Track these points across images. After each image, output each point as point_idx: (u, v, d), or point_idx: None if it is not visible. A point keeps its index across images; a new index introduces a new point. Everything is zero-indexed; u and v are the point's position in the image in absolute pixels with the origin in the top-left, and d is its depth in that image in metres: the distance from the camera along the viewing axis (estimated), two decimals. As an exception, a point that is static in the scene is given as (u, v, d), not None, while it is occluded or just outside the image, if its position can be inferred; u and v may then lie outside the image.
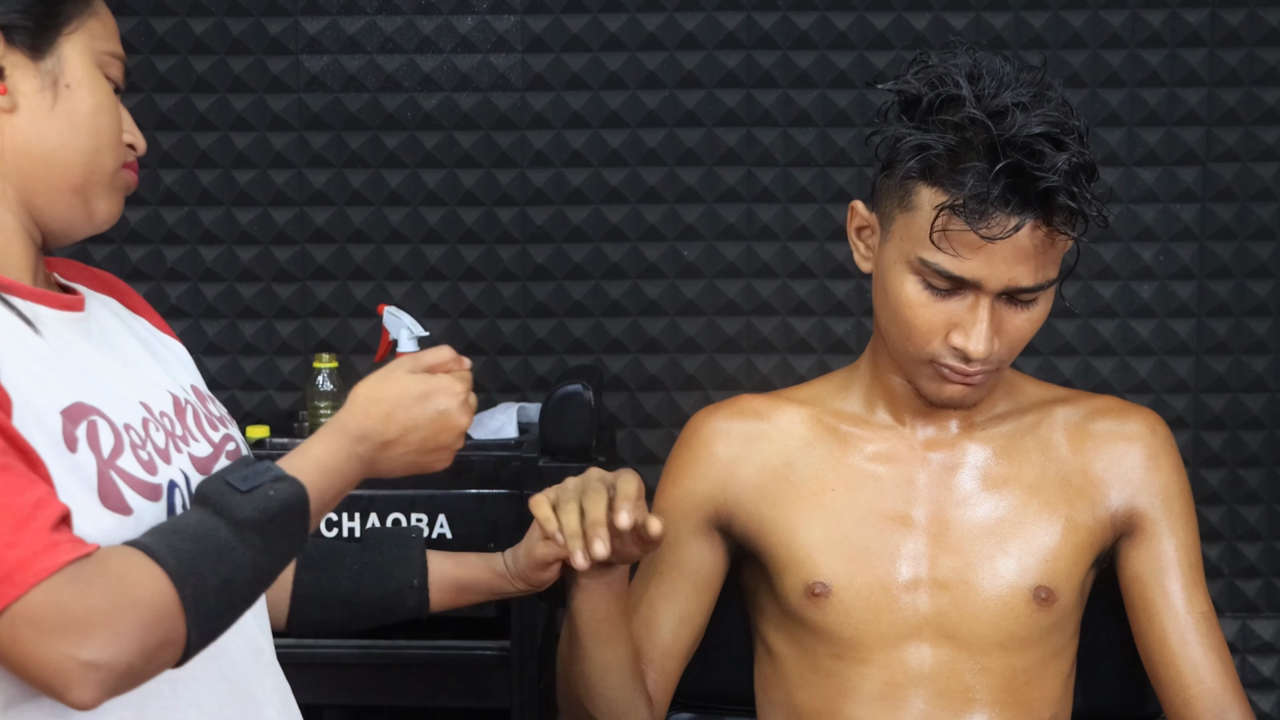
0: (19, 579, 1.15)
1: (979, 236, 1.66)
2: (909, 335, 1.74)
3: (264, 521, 1.27)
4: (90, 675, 1.16)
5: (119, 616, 1.17)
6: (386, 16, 2.79)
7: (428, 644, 2.49)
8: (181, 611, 1.20)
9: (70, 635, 1.16)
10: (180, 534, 1.23)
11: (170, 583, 1.20)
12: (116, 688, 1.18)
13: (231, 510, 1.26)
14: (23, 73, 1.32)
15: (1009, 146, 1.64)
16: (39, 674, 1.16)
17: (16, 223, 1.35)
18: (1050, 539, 1.82)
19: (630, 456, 2.85)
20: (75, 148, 1.34)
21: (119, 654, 1.17)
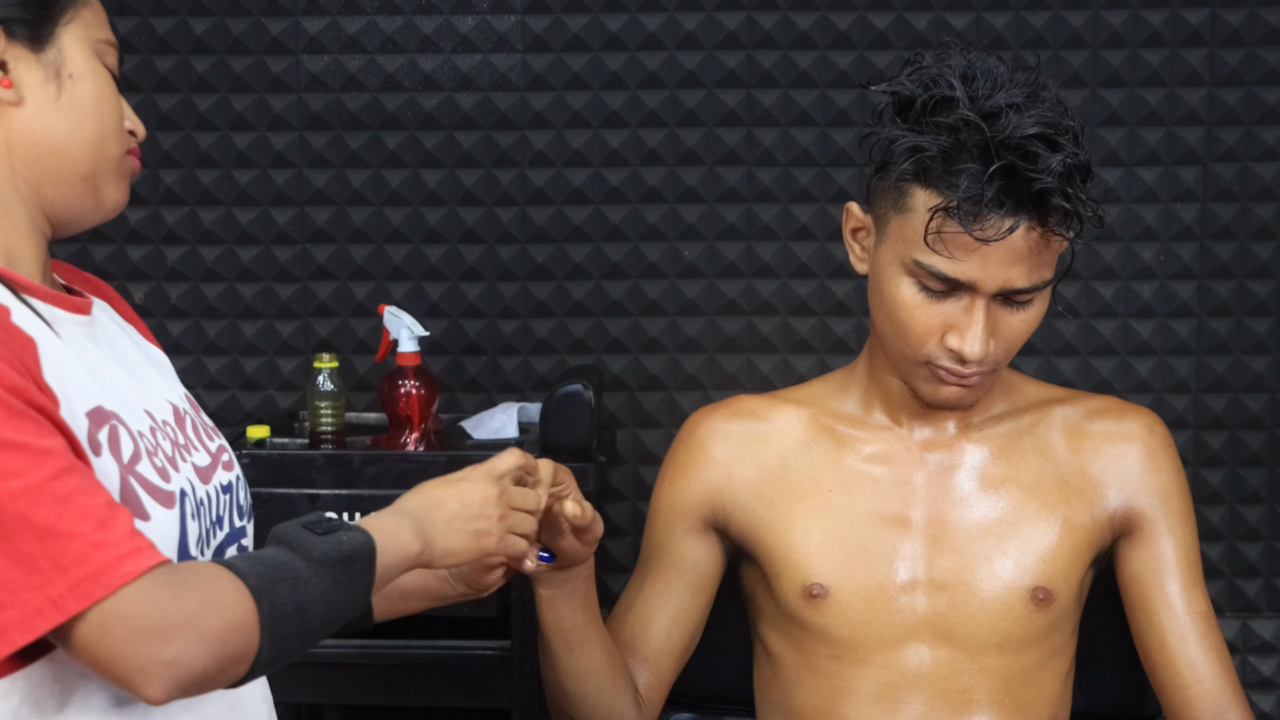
0: (108, 579, 1.19)
1: (973, 238, 1.66)
2: (904, 337, 1.73)
3: (336, 561, 1.31)
4: (169, 673, 1.20)
5: (204, 621, 1.22)
6: (387, 16, 2.79)
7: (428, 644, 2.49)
8: (258, 627, 1.25)
9: (158, 635, 1.20)
10: (261, 560, 1.28)
11: (251, 598, 1.25)
12: (188, 689, 1.23)
13: (308, 548, 1.31)
14: (25, 65, 1.33)
15: (1003, 148, 1.64)
16: (121, 669, 1.20)
17: (27, 218, 1.35)
18: (1048, 539, 1.82)
19: (630, 456, 2.85)
20: (82, 136, 1.35)
21: (198, 656, 1.21)
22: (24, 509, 1.19)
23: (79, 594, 1.19)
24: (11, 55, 1.33)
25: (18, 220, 1.35)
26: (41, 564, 1.18)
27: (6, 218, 1.34)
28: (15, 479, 1.19)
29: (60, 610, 1.19)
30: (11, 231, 1.35)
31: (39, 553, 1.18)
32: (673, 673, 1.90)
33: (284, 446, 2.57)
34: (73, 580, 1.18)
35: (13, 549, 1.18)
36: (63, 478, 1.20)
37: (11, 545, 1.18)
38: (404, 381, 2.58)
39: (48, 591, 1.19)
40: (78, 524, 1.19)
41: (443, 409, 2.76)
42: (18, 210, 1.35)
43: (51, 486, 1.20)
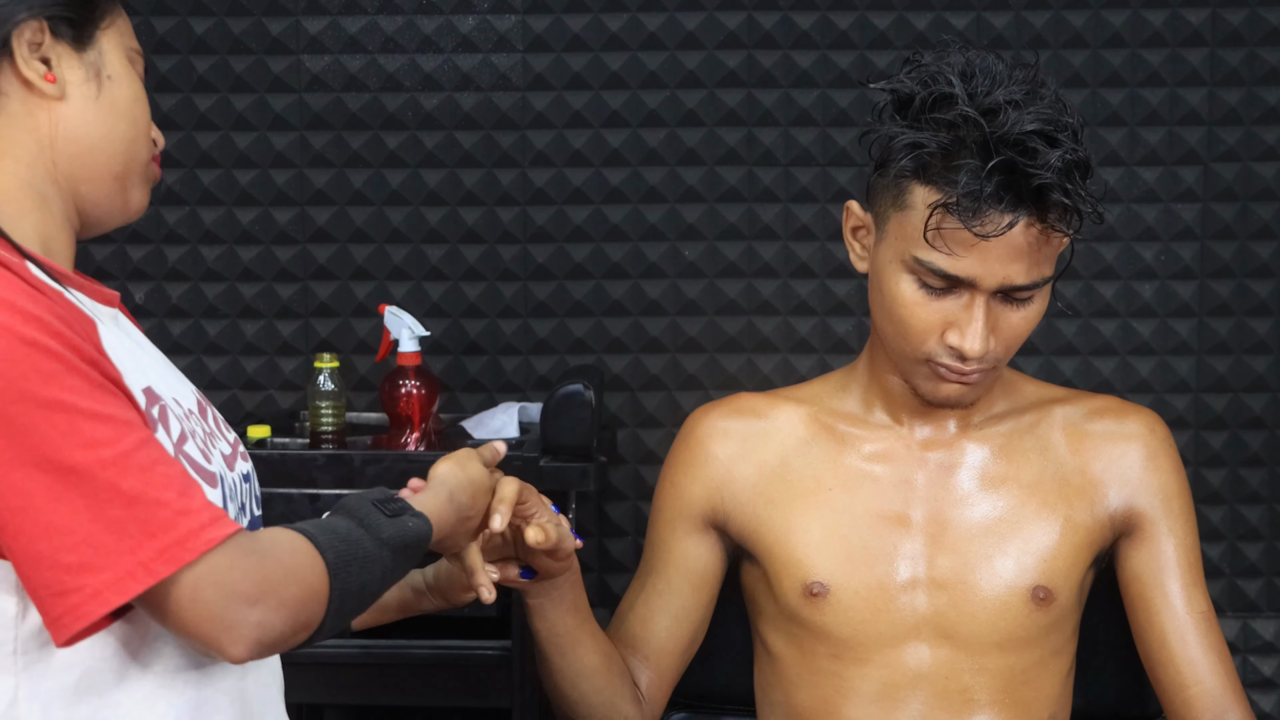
0: (194, 544, 1.24)
1: (973, 234, 1.66)
2: (905, 335, 1.73)
3: (400, 546, 1.40)
4: (254, 634, 1.27)
5: (286, 589, 1.28)
6: (388, 16, 2.79)
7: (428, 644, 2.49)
8: (327, 601, 1.31)
9: (247, 598, 1.26)
10: (337, 534, 1.35)
11: (327, 574, 1.31)
12: (266, 650, 1.29)
13: (379, 529, 1.39)
14: (68, 63, 1.37)
15: (1002, 144, 1.64)
16: (211, 630, 1.26)
17: (63, 211, 1.39)
18: (1048, 539, 1.82)
19: (631, 456, 2.85)
20: (118, 136, 1.40)
21: (280, 621, 1.28)
22: (114, 477, 1.23)
23: (168, 558, 1.24)
24: (55, 53, 1.37)
25: (55, 212, 1.38)
26: (131, 529, 1.23)
27: (45, 209, 1.37)
28: (105, 448, 1.23)
29: (151, 573, 1.23)
30: (49, 222, 1.38)
31: (128, 518, 1.23)
32: (675, 671, 1.90)
33: (285, 446, 2.57)
34: (162, 545, 1.24)
35: (104, 515, 1.23)
36: (144, 448, 1.26)
37: (103, 511, 1.23)
38: (404, 381, 2.58)
39: (139, 555, 1.23)
40: (163, 492, 1.25)
41: (443, 409, 2.76)
42: (55, 202, 1.38)
43: (136, 456, 1.25)
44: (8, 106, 1.36)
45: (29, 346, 1.23)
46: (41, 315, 1.25)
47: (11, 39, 1.34)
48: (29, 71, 1.35)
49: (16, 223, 1.35)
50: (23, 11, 1.35)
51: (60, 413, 1.23)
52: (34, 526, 1.23)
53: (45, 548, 1.23)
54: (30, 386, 1.22)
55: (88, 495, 1.23)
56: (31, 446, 1.22)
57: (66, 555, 1.23)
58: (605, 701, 1.84)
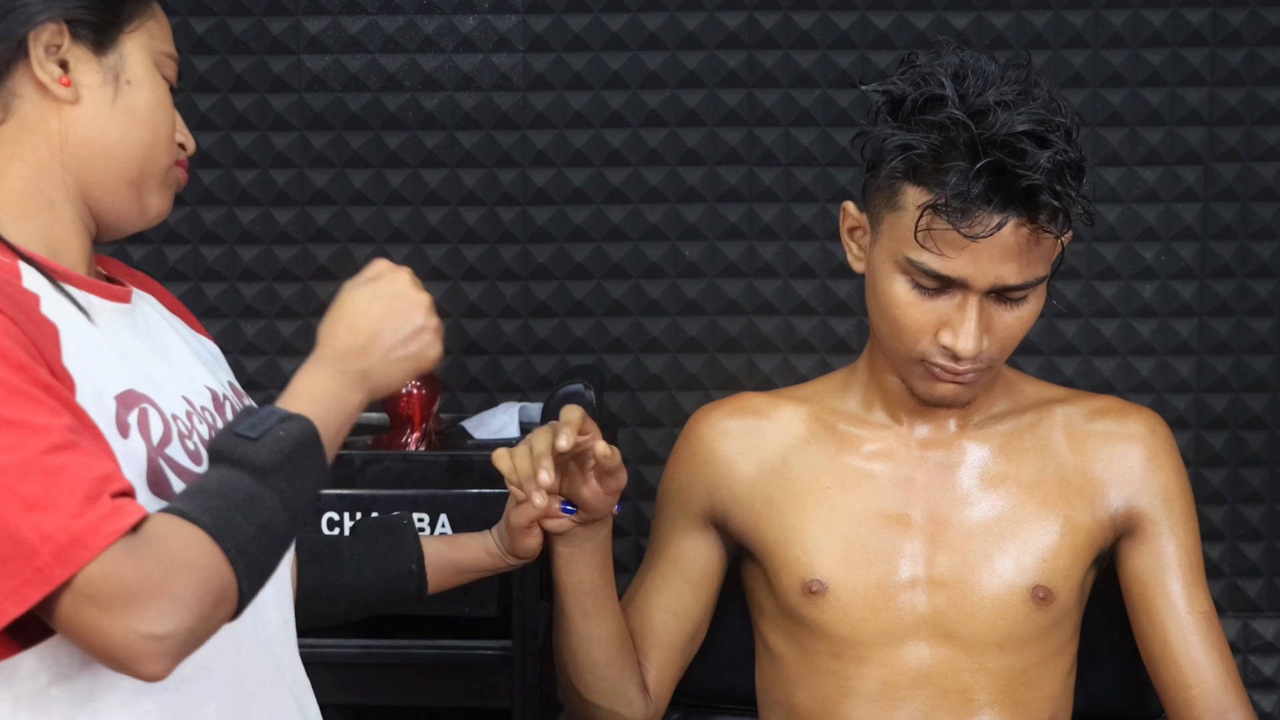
0: (85, 545, 1.18)
1: (962, 235, 1.66)
2: (899, 335, 1.74)
3: (283, 462, 1.29)
4: (156, 647, 1.19)
5: (173, 583, 1.19)
6: (388, 16, 2.79)
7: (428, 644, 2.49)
8: (229, 565, 1.23)
9: (130, 609, 1.18)
10: (207, 493, 1.26)
11: (212, 540, 1.22)
12: (182, 654, 1.21)
13: (249, 459, 1.28)
14: (86, 66, 1.37)
15: (990, 145, 1.65)
16: (106, 649, 1.19)
17: (74, 213, 1.38)
18: (1049, 538, 1.82)
19: (632, 456, 2.85)
20: (133, 142, 1.38)
21: (180, 622, 1.19)
22: (12, 482, 1.19)
23: (64, 560, 1.18)
24: (73, 55, 1.36)
25: (63, 215, 1.38)
26: (27, 534, 1.18)
27: (52, 211, 1.37)
28: (5, 454, 1.19)
29: (48, 579, 1.18)
30: (56, 224, 1.37)
31: (24, 525, 1.18)
32: (675, 667, 1.91)
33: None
34: (56, 548, 1.18)
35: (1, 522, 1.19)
36: (55, 454, 1.20)
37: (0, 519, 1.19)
38: (405, 381, 2.58)
39: (34, 562, 1.18)
40: (64, 496, 1.19)
41: (444, 409, 2.76)
42: (65, 206, 1.38)
43: (41, 461, 1.20)
44: (20, 108, 1.36)
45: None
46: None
47: (29, 40, 1.34)
48: (43, 74, 1.35)
49: (20, 225, 1.35)
50: (43, 13, 1.35)
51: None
52: None
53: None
54: None
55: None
56: None
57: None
58: (616, 674, 1.85)
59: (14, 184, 1.36)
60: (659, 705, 1.91)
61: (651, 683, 1.89)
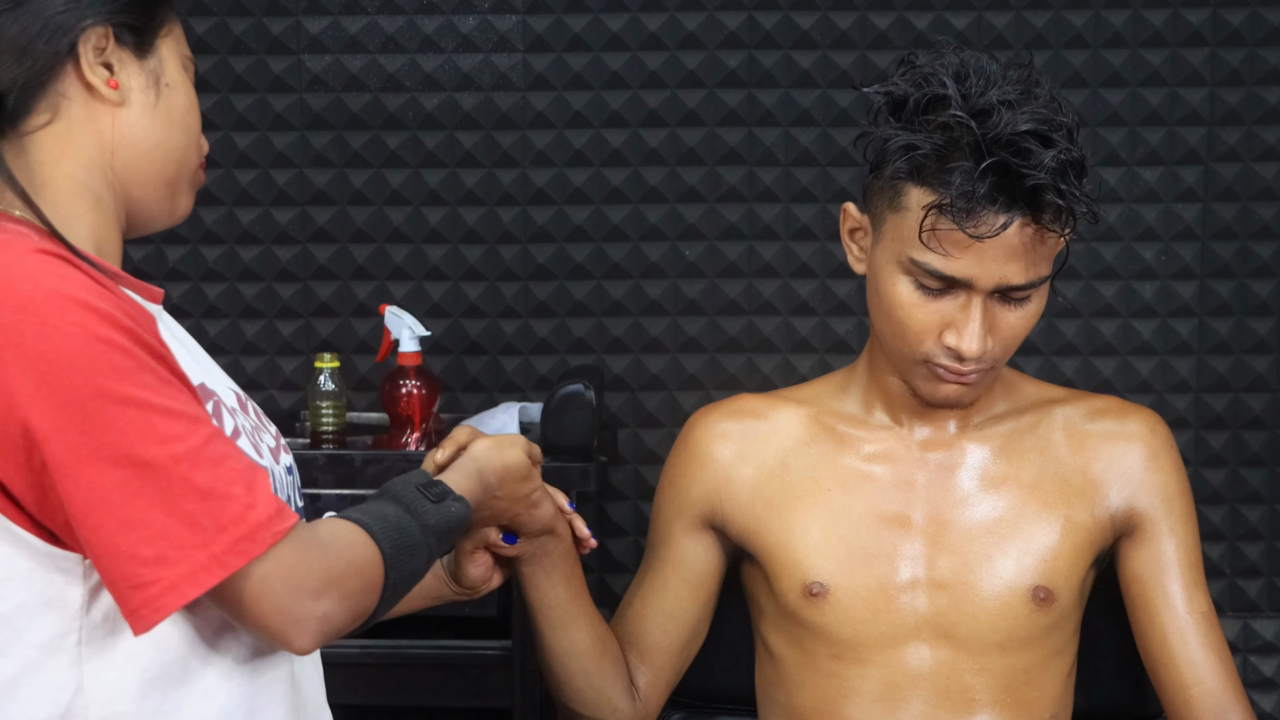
0: (261, 536, 1.27)
1: (967, 235, 1.66)
2: (902, 336, 1.74)
3: (443, 531, 1.43)
4: (319, 627, 1.30)
5: (348, 581, 1.32)
6: (388, 16, 2.79)
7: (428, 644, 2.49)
8: (380, 590, 1.35)
9: (313, 592, 1.29)
10: (388, 522, 1.38)
11: (383, 566, 1.35)
12: (327, 641, 1.32)
13: (425, 515, 1.41)
14: (131, 70, 1.39)
15: (995, 144, 1.64)
16: (278, 624, 1.29)
17: (115, 213, 1.41)
18: (1049, 539, 1.82)
19: (631, 456, 2.85)
20: (173, 143, 1.42)
21: (343, 612, 1.31)
22: (187, 471, 1.26)
23: (239, 551, 1.26)
24: (118, 59, 1.38)
25: (108, 213, 1.40)
26: (204, 522, 1.26)
27: (99, 210, 1.39)
28: (177, 443, 1.26)
29: (225, 566, 1.26)
30: (103, 223, 1.40)
31: (201, 512, 1.26)
32: (672, 670, 1.90)
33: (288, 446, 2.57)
34: (233, 538, 1.26)
35: (178, 509, 1.25)
36: (213, 442, 1.28)
37: (177, 505, 1.25)
38: (405, 381, 2.59)
39: (212, 549, 1.26)
40: (231, 485, 1.27)
41: (444, 409, 2.76)
42: (109, 204, 1.40)
43: (206, 450, 1.27)
44: (69, 110, 1.37)
45: (103, 344, 1.26)
46: (113, 312, 1.27)
47: (79, 44, 1.36)
48: (94, 77, 1.37)
49: (71, 224, 1.37)
50: (90, 18, 1.36)
51: (134, 408, 1.25)
52: (111, 521, 1.25)
53: (123, 542, 1.25)
54: (105, 383, 1.25)
55: (163, 490, 1.25)
56: (108, 442, 1.24)
57: (144, 549, 1.25)
58: (594, 686, 1.84)
59: (64, 184, 1.38)
60: (651, 709, 1.90)
61: (643, 686, 1.88)
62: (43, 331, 1.25)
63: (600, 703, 1.84)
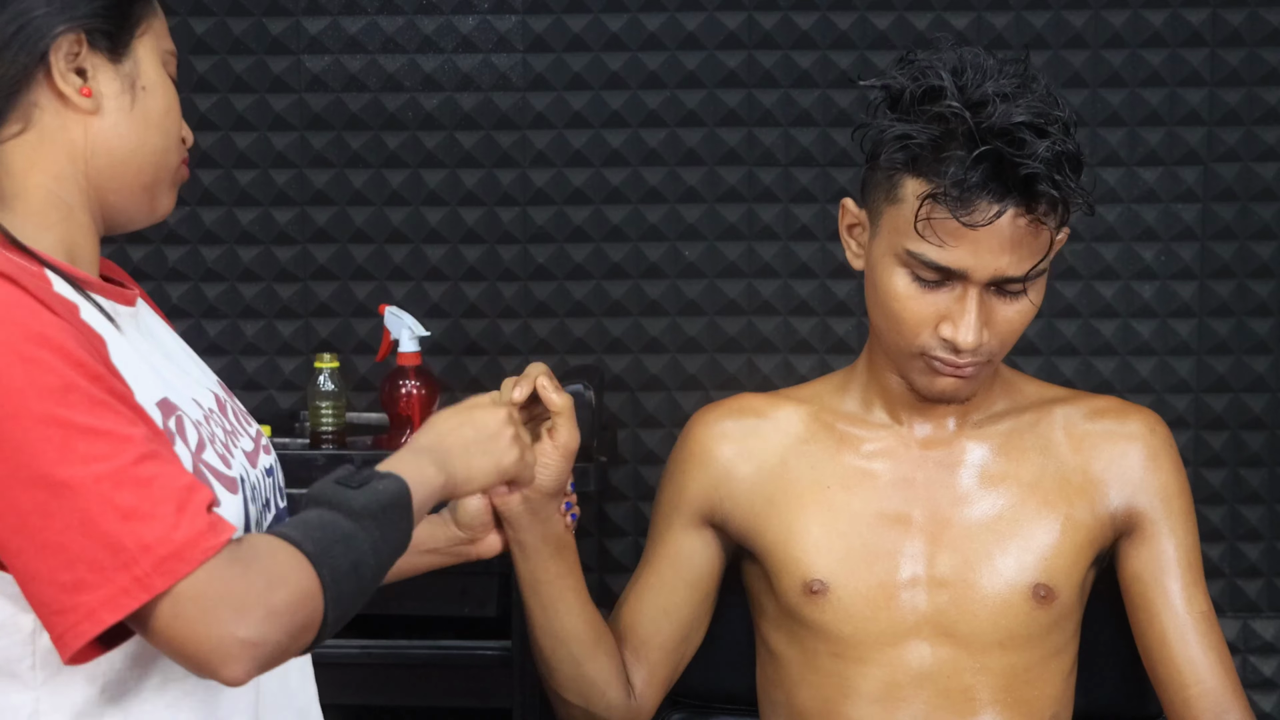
0: (189, 555, 1.21)
1: (961, 224, 1.66)
2: (899, 328, 1.74)
3: (378, 511, 1.33)
4: (247, 652, 1.22)
5: (273, 596, 1.23)
6: (388, 16, 2.79)
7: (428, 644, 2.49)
8: (321, 593, 1.26)
9: (231, 614, 1.21)
10: (309, 525, 1.30)
11: (311, 566, 1.26)
12: (265, 665, 1.24)
13: (348, 503, 1.32)
14: (105, 75, 1.36)
15: (989, 134, 1.65)
16: (197, 651, 1.22)
17: (89, 218, 1.39)
18: (1049, 537, 1.82)
19: (631, 456, 2.85)
20: (150, 147, 1.39)
21: (272, 632, 1.22)
22: (108, 491, 1.21)
23: (164, 571, 1.21)
24: (92, 64, 1.36)
25: (80, 220, 1.38)
26: (127, 544, 1.20)
27: (71, 218, 1.37)
28: (100, 463, 1.21)
29: (147, 588, 1.20)
30: (75, 230, 1.38)
31: (124, 534, 1.20)
32: (667, 667, 1.90)
33: (285, 446, 2.57)
34: (156, 559, 1.20)
35: (97, 530, 1.20)
36: (145, 463, 1.23)
37: (96, 527, 1.20)
38: (405, 381, 2.58)
39: (133, 571, 1.20)
40: (159, 505, 1.21)
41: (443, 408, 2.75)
42: (81, 212, 1.38)
43: (135, 470, 1.22)
44: (41, 119, 1.35)
45: (27, 363, 1.22)
46: (44, 331, 1.24)
47: (50, 53, 1.34)
48: (65, 86, 1.35)
49: (41, 235, 1.35)
50: (61, 24, 1.34)
51: (55, 428, 1.21)
52: (30, 544, 1.22)
53: (42, 566, 1.22)
54: (25, 403, 1.21)
55: (80, 511, 1.21)
56: (25, 463, 1.21)
57: (62, 573, 1.21)
58: (584, 674, 1.83)
59: (36, 194, 1.36)
60: (647, 707, 1.89)
61: (640, 684, 1.88)
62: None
63: (591, 692, 1.84)
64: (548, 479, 1.73)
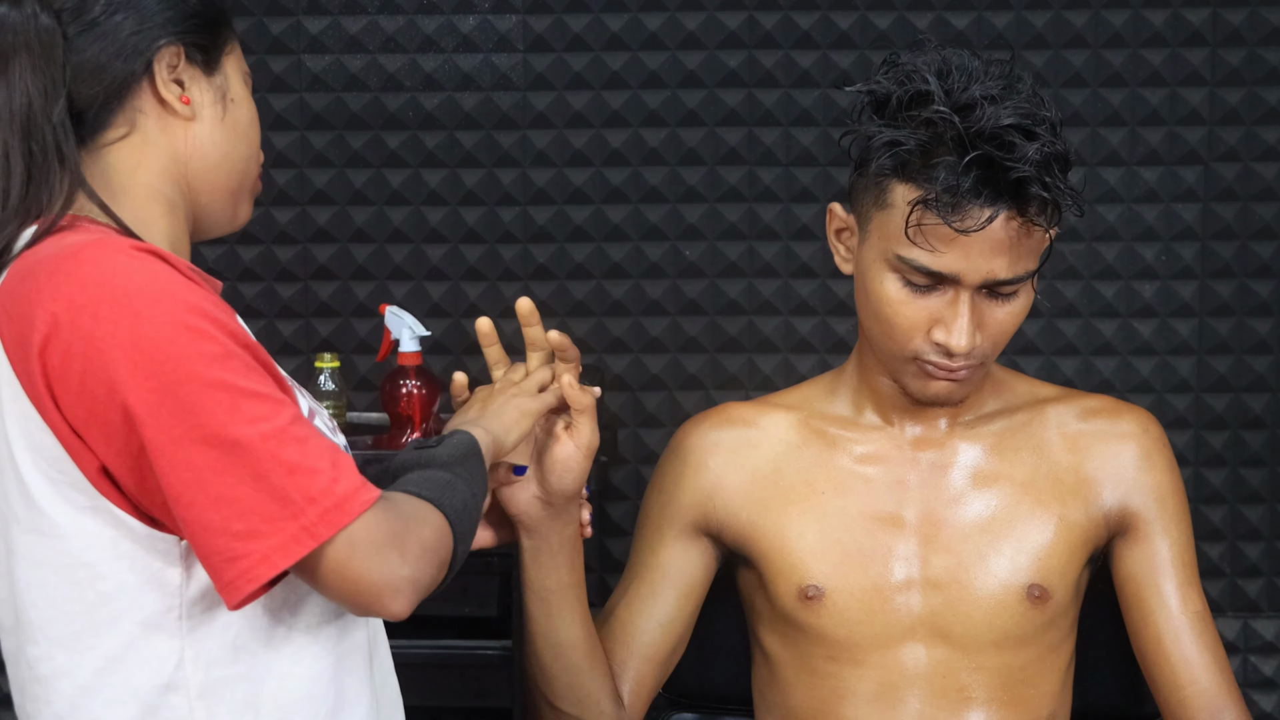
0: (349, 507, 1.33)
1: (953, 229, 1.66)
2: (891, 334, 1.74)
3: (461, 458, 1.49)
4: (409, 587, 1.35)
5: (423, 536, 1.38)
6: (388, 16, 2.79)
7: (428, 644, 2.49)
8: (450, 531, 1.41)
9: (395, 554, 1.35)
10: (416, 482, 1.44)
11: (435, 507, 1.41)
12: (420, 596, 1.37)
13: (437, 458, 1.48)
14: (200, 86, 1.48)
15: (978, 138, 1.65)
16: (369, 589, 1.34)
17: (185, 218, 1.51)
18: (1043, 537, 1.82)
19: (632, 456, 2.85)
20: (238, 155, 1.51)
21: (427, 568, 1.37)
22: (274, 449, 1.32)
23: (328, 521, 1.33)
24: (189, 76, 1.47)
25: (180, 217, 1.50)
26: (294, 496, 1.32)
27: (173, 214, 1.48)
28: (264, 423, 1.33)
29: (314, 536, 1.32)
30: (176, 226, 1.49)
31: (290, 486, 1.32)
32: (655, 679, 1.89)
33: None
34: (322, 509, 1.32)
35: (268, 484, 1.32)
36: (298, 423, 1.35)
37: (266, 480, 1.32)
38: (405, 381, 2.58)
39: (301, 520, 1.32)
40: (317, 461, 1.34)
41: (444, 409, 2.76)
42: (182, 209, 1.50)
43: (292, 430, 1.34)
44: (144, 124, 1.46)
45: (191, 332, 1.33)
46: (200, 304, 1.35)
47: (154, 63, 1.45)
48: (167, 94, 1.46)
49: (148, 227, 1.46)
50: (164, 37, 1.45)
51: (223, 391, 1.33)
52: (204, 498, 1.32)
53: (215, 517, 1.32)
54: (194, 368, 1.32)
55: (252, 466, 1.32)
56: (199, 423, 1.32)
57: (236, 523, 1.32)
58: (583, 684, 1.83)
59: (141, 191, 1.47)
60: (635, 717, 1.89)
61: (627, 694, 1.87)
62: (136, 322, 1.33)
63: (588, 702, 1.84)
64: (568, 479, 1.74)
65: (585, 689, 1.83)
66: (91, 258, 1.36)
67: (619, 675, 1.87)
